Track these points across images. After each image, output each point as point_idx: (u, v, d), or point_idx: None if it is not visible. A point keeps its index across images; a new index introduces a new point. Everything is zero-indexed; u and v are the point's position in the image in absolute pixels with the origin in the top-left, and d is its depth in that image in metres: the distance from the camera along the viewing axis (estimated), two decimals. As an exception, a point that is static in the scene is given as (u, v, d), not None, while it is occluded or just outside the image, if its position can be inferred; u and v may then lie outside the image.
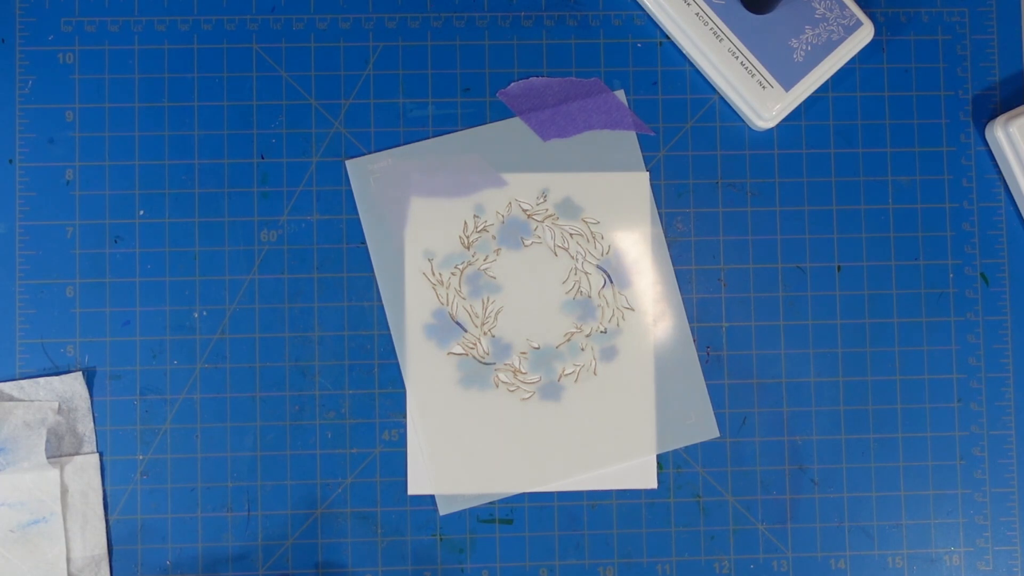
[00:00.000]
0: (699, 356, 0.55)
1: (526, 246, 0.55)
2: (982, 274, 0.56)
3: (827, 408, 0.55)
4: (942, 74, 0.56)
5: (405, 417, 0.54)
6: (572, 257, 0.55)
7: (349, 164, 0.55)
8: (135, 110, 0.54)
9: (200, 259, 0.54)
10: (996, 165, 0.56)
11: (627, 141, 0.55)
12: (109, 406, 0.53)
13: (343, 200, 0.55)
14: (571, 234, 0.55)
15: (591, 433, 0.54)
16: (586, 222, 0.55)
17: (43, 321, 0.53)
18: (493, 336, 0.54)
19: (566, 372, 0.54)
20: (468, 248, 0.55)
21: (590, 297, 0.55)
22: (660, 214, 0.55)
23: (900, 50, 0.56)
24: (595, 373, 0.54)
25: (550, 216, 0.55)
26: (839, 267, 0.56)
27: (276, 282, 0.54)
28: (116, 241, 0.54)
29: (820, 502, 0.55)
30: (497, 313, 0.54)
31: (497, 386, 0.54)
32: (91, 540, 0.52)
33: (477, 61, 0.55)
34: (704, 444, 0.55)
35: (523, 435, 0.54)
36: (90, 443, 0.53)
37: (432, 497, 0.54)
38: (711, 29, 0.54)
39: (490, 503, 0.54)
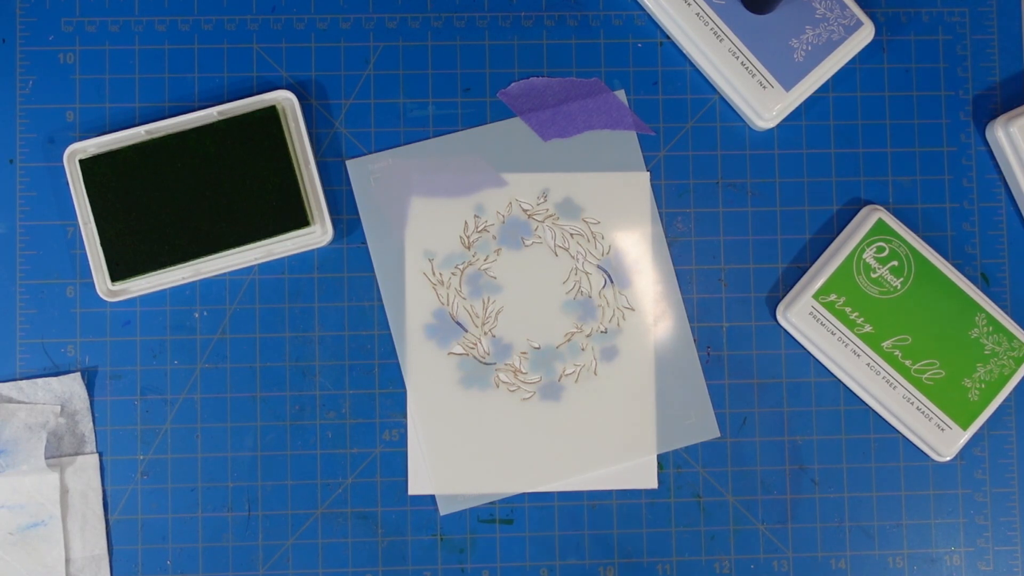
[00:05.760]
0: (699, 356, 0.55)
1: (526, 246, 0.55)
2: (982, 274, 0.56)
3: (827, 408, 0.55)
4: (942, 74, 0.56)
5: (405, 417, 0.54)
6: (572, 257, 0.55)
7: (349, 164, 0.55)
8: (135, 110, 0.54)
9: (200, 259, 0.54)
10: (996, 165, 0.56)
11: (627, 141, 0.55)
12: (109, 406, 0.53)
13: (343, 200, 0.55)
14: (571, 234, 0.55)
15: (591, 433, 0.54)
16: (586, 222, 0.55)
17: (43, 321, 0.53)
18: (493, 336, 0.54)
19: (566, 372, 0.54)
20: (468, 248, 0.55)
21: (590, 297, 0.55)
22: (660, 214, 0.55)
23: (900, 50, 0.56)
24: (595, 373, 0.54)
25: (550, 216, 0.55)
26: (839, 267, 0.56)
27: (276, 282, 0.54)
28: (116, 241, 0.54)
29: (820, 502, 0.55)
30: (497, 313, 0.54)
31: (497, 386, 0.54)
32: (91, 540, 0.52)
33: (477, 61, 0.55)
34: (704, 444, 0.55)
35: (523, 435, 0.54)
36: (90, 443, 0.53)
37: (432, 497, 0.54)
38: (711, 29, 0.54)
39: (490, 503, 0.54)
